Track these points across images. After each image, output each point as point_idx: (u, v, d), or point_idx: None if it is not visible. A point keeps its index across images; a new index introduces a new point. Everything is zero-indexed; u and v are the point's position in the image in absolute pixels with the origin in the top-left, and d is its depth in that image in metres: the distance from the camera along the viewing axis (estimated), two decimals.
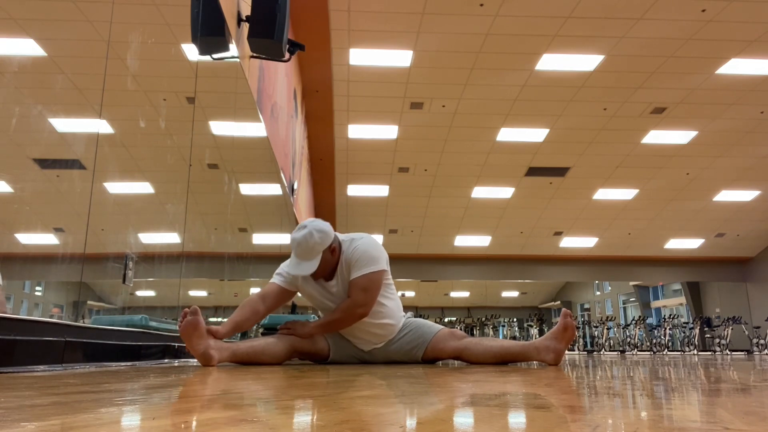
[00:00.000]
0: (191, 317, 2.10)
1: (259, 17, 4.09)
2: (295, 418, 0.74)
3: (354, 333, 2.54)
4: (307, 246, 2.32)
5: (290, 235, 2.38)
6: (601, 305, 24.61)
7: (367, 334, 2.53)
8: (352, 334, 2.55)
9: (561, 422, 0.67)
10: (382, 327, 2.53)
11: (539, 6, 7.79)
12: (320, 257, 2.34)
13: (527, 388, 1.21)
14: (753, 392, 1.18)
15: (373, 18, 7.96)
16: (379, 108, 10.51)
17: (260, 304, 2.43)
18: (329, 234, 2.37)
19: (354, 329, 2.51)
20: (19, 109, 2.54)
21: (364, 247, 2.42)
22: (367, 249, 2.42)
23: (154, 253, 3.99)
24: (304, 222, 2.41)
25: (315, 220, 2.40)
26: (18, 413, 0.73)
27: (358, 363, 2.57)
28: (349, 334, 2.55)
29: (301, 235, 2.33)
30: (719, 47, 8.83)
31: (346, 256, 2.42)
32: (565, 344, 2.35)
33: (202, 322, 2.13)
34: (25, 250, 2.92)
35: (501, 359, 2.44)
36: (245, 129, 5.88)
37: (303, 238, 2.33)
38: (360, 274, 2.39)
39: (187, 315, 2.11)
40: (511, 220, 15.36)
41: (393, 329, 2.55)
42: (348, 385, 1.28)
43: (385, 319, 2.52)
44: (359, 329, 2.51)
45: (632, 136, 11.73)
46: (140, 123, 3.63)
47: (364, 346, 2.57)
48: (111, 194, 3.57)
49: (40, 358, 1.89)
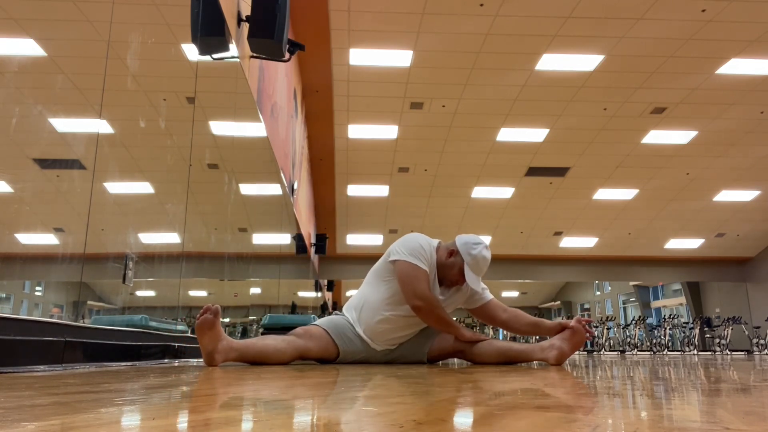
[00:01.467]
0: (210, 316, 2.09)
1: (259, 17, 4.09)
2: (295, 418, 0.74)
3: (386, 336, 2.50)
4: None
5: (477, 249, 2.42)
6: (601, 305, 24.62)
7: (397, 337, 2.52)
8: (382, 338, 2.50)
9: (561, 422, 0.67)
10: (413, 332, 2.55)
11: (539, 6, 7.79)
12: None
13: (527, 388, 1.21)
14: (753, 392, 1.18)
15: (373, 18, 7.96)
16: (379, 108, 10.51)
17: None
18: None
19: (391, 333, 2.50)
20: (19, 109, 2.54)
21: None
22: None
23: (154, 253, 3.99)
24: (482, 240, 2.49)
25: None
26: (18, 413, 0.73)
27: (360, 363, 2.57)
28: (379, 337, 2.50)
29: (490, 255, 2.47)
30: (719, 47, 8.83)
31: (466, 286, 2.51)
32: (571, 348, 2.35)
33: (219, 324, 2.13)
34: (25, 250, 2.92)
35: (504, 357, 2.44)
36: (245, 129, 5.88)
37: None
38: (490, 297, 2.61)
39: (208, 311, 2.10)
40: (511, 220, 15.36)
41: (414, 334, 2.58)
42: (348, 385, 1.28)
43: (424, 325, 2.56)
44: (396, 333, 2.50)
45: (632, 136, 11.73)
46: (140, 123, 3.63)
47: (378, 347, 2.52)
48: (111, 194, 3.57)
49: (40, 358, 1.89)
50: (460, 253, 2.43)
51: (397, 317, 2.46)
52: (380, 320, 2.46)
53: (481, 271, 2.43)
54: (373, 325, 2.47)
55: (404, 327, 2.50)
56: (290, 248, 10.28)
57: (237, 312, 15.56)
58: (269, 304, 13.32)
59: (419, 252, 2.41)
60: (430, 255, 2.43)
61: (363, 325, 2.49)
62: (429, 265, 2.41)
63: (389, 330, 2.48)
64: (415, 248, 2.42)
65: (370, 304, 2.49)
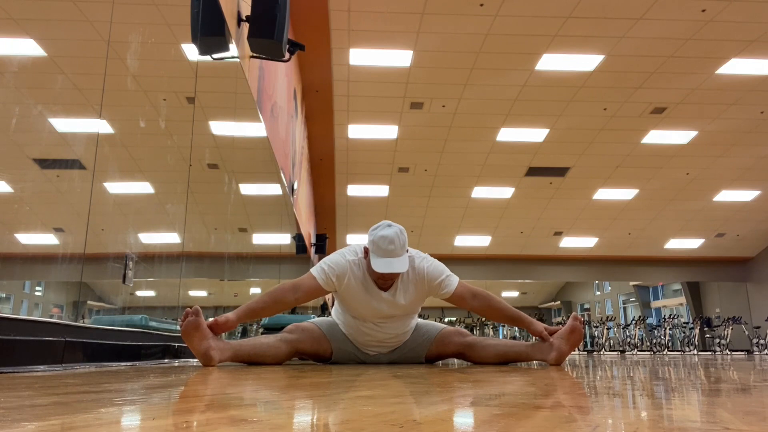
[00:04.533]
0: (192, 318, 2.10)
1: (259, 17, 4.09)
2: (295, 418, 0.74)
3: (367, 341, 2.48)
4: (400, 243, 2.25)
5: (374, 233, 2.28)
6: (601, 305, 24.61)
7: (380, 342, 2.49)
8: (364, 342, 2.49)
9: (561, 422, 0.67)
10: (397, 336, 2.51)
11: (539, 6, 7.79)
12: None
13: (527, 388, 1.21)
14: (753, 392, 1.18)
15: (373, 18, 7.96)
16: (379, 108, 10.51)
17: (290, 294, 2.33)
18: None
19: (368, 338, 2.46)
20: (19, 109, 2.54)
21: (438, 266, 2.44)
22: (439, 267, 2.44)
23: (154, 253, 3.99)
24: (383, 222, 2.35)
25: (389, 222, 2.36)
26: (18, 413, 0.73)
27: (359, 363, 2.56)
28: (361, 341, 2.49)
29: (394, 232, 2.25)
30: (719, 47, 8.83)
31: (424, 274, 2.39)
32: (570, 347, 2.35)
33: (204, 322, 2.13)
34: (25, 250, 2.92)
35: (504, 358, 2.45)
36: (245, 129, 5.88)
37: (396, 235, 2.25)
38: (456, 283, 2.41)
39: (188, 315, 2.10)
40: (511, 220, 15.35)
41: (409, 331, 2.55)
42: (348, 385, 1.28)
43: (406, 328, 2.52)
44: (374, 338, 2.46)
45: (632, 136, 11.73)
46: (140, 123, 3.63)
47: (370, 351, 2.53)
48: (111, 194, 3.57)
49: (40, 358, 1.89)
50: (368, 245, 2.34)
51: (351, 321, 2.46)
52: (344, 325, 2.50)
53: (385, 251, 2.24)
54: (348, 330, 2.49)
55: (368, 331, 2.45)
56: (290, 248, 10.28)
57: None
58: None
59: (324, 264, 2.39)
60: (340, 275, 2.36)
61: (342, 326, 2.52)
62: (338, 273, 2.35)
63: (360, 334, 2.47)
64: (324, 261, 2.42)
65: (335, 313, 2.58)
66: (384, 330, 2.45)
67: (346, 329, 2.51)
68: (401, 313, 2.42)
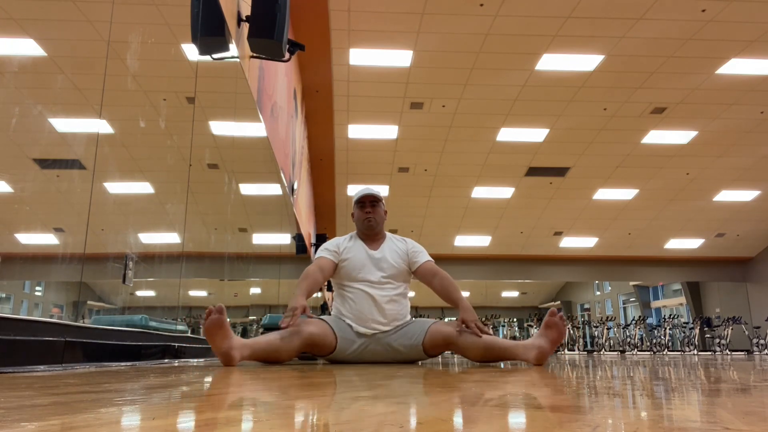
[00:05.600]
0: (216, 316, 2.08)
1: (259, 17, 4.09)
2: (295, 419, 0.74)
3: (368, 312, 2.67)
4: (374, 189, 2.91)
5: (357, 191, 2.92)
6: (601, 305, 24.61)
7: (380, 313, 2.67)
8: (365, 317, 2.67)
9: (561, 422, 0.67)
10: (400, 304, 2.74)
11: (539, 6, 7.79)
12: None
13: (527, 388, 1.21)
14: (753, 392, 1.18)
15: (373, 18, 7.96)
16: (379, 108, 10.51)
17: (319, 275, 2.67)
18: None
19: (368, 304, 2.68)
20: (19, 109, 2.54)
21: (420, 246, 2.94)
22: (420, 246, 2.95)
23: (154, 253, 3.99)
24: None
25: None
26: (18, 413, 0.73)
27: (359, 363, 2.57)
28: (363, 316, 2.67)
29: (368, 186, 2.96)
30: (719, 47, 8.83)
31: (405, 243, 2.90)
32: (550, 344, 2.33)
33: (227, 321, 2.12)
34: (25, 250, 2.92)
35: (489, 352, 2.47)
36: (245, 129, 5.88)
37: (369, 187, 2.95)
38: (427, 259, 2.86)
39: (212, 313, 2.08)
40: (511, 220, 15.36)
41: (405, 313, 2.76)
42: (348, 385, 1.29)
43: (404, 301, 2.78)
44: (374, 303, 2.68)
45: (632, 136, 11.73)
46: (140, 123, 3.63)
47: (370, 330, 2.65)
48: (111, 194, 3.56)
49: (40, 358, 1.89)
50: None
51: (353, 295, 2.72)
52: (347, 310, 2.72)
53: (363, 190, 2.89)
54: (350, 312, 2.71)
55: (369, 291, 2.70)
56: (290, 248, 10.28)
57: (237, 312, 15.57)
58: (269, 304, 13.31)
59: (323, 245, 2.90)
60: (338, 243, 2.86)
61: (343, 311, 2.74)
62: (337, 243, 2.86)
63: (361, 301, 2.69)
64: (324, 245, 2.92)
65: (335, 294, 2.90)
66: (383, 291, 2.70)
67: (348, 312, 2.70)
68: (390, 270, 2.76)
